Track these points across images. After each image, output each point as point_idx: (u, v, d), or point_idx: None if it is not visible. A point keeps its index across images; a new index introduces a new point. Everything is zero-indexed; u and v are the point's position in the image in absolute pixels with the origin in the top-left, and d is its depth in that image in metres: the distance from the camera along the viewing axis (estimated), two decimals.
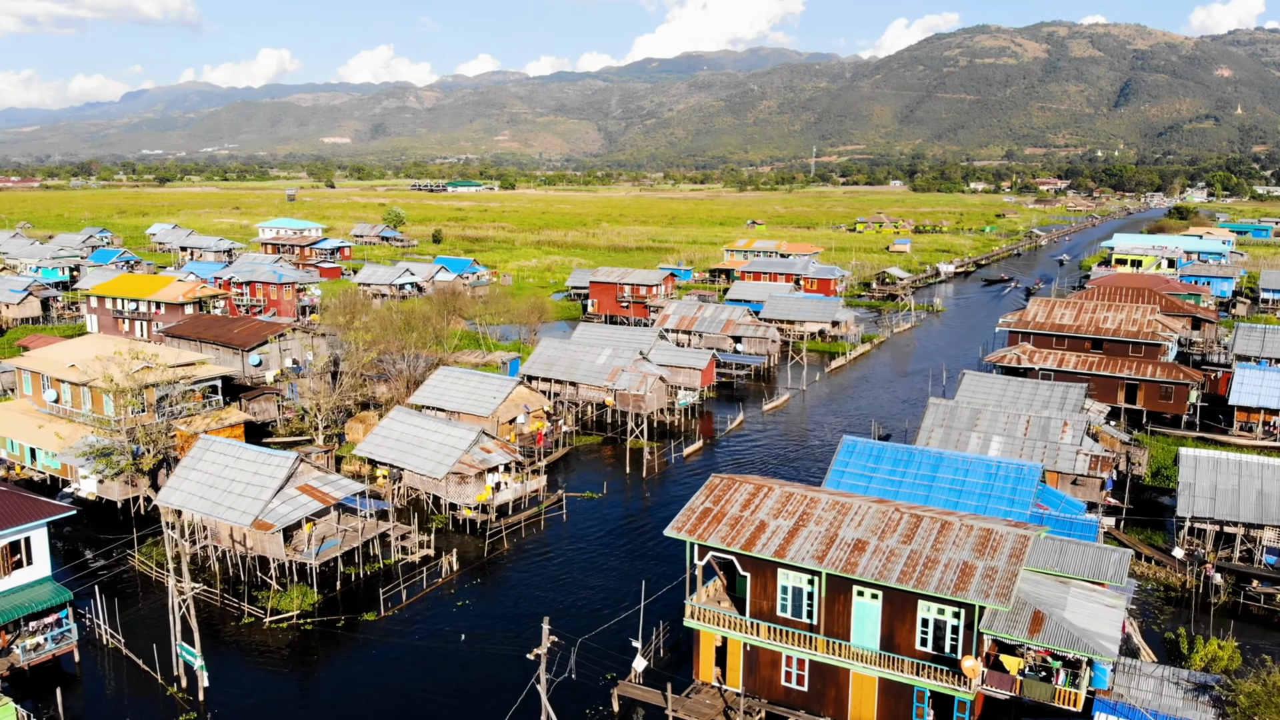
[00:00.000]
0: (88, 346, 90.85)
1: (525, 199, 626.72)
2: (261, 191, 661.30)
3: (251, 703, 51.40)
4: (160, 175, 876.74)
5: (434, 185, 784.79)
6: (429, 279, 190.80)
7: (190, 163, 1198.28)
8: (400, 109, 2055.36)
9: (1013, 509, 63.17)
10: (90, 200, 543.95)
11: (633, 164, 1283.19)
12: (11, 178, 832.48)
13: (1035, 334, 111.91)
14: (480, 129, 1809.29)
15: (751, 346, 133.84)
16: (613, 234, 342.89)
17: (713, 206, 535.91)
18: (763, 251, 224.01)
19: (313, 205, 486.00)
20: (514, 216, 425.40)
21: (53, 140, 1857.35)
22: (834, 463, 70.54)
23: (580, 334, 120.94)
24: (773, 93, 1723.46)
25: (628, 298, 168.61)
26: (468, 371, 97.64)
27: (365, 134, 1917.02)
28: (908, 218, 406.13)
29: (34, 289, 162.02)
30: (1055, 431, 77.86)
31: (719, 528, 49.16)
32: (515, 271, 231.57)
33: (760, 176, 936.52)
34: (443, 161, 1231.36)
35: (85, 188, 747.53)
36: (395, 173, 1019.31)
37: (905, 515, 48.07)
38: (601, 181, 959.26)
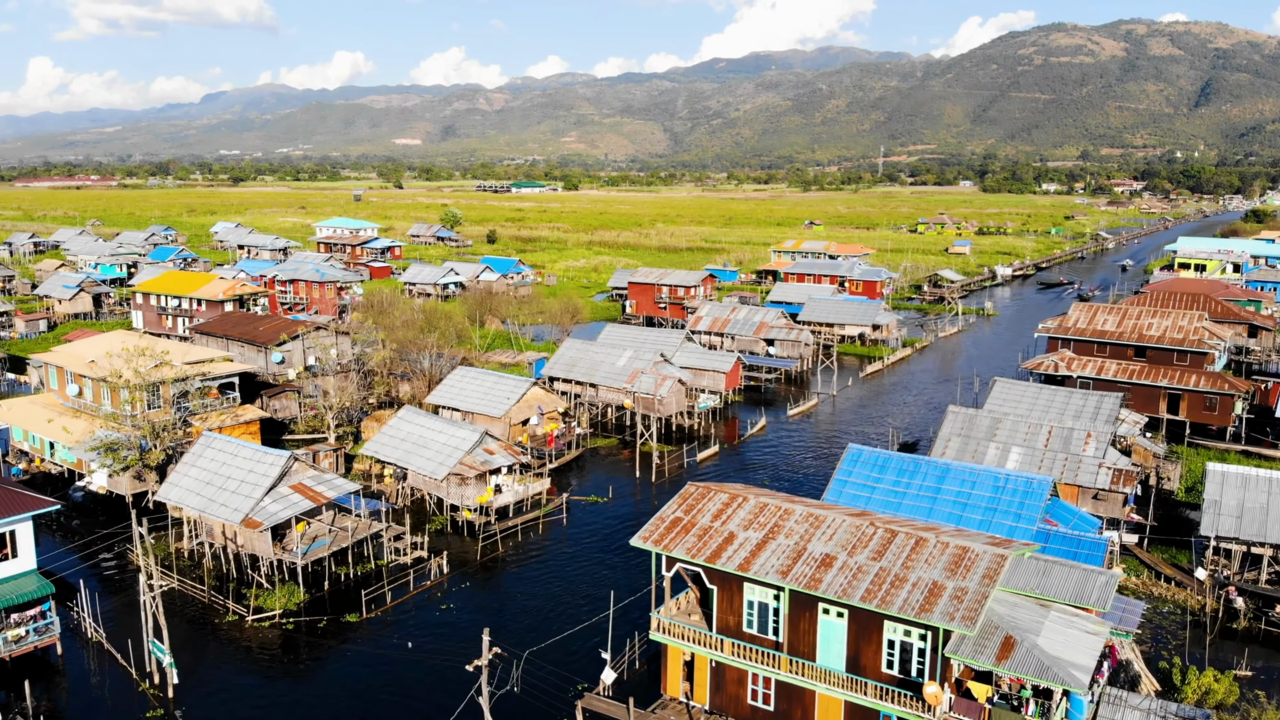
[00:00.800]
0: (112, 342, 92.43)
1: (586, 200, 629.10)
2: (330, 192, 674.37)
3: (218, 701, 51.26)
4: (234, 175, 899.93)
5: (498, 186, 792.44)
6: (473, 279, 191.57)
7: (265, 163, 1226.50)
8: (470, 111, 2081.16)
9: (1018, 524, 60.35)
10: (163, 199, 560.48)
11: (697, 164, 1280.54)
12: (91, 176, 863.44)
13: (1075, 340, 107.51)
14: (548, 130, 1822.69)
15: (784, 350, 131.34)
16: (666, 234, 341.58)
17: (773, 207, 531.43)
18: (810, 253, 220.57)
19: (378, 205, 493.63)
20: (571, 217, 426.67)
21: (134, 140, 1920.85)
22: (837, 472, 68.29)
23: (606, 335, 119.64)
24: (841, 92, 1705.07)
25: (666, 299, 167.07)
26: (484, 372, 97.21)
27: (436, 135, 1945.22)
28: (971, 219, 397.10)
29: (86, 285, 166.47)
30: (1077, 443, 74.35)
31: (686, 538, 47.52)
32: (562, 272, 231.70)
33: (826, 176, 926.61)
34: (510, 163, 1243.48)
35: (161, 187, 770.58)
36: (462, 174, 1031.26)
37: (879, 530, 45.87)
38: (664, 182, 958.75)
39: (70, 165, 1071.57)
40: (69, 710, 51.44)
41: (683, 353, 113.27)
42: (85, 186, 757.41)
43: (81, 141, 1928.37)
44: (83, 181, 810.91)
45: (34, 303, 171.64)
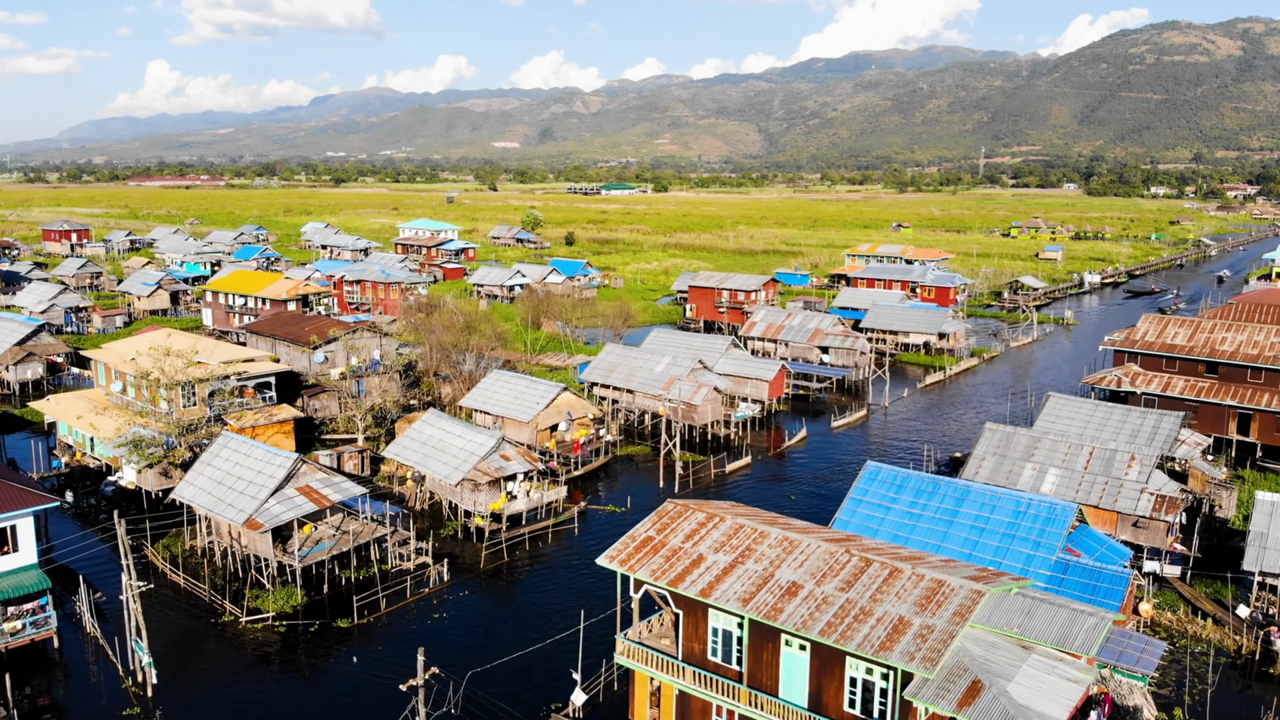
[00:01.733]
0: (153, 341, 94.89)
1: (673, 201, 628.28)
2: (426, 193, 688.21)
3: (195, 702, 51.42)
4: (337, 176, 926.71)
5: (588, 189, 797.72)
6: (540, 281, 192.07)
7: (367, 165, 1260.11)
8: (567, 114, 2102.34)
9: (1036, 552, 56.63)
10: (265, 199, 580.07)
11: (792, 165, 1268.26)
12: (202, 176, 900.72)
13: (1143, 354, 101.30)
14: (642, 132, 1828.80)
15: (839, 358, 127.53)
16: (746, 237, 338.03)
17: (863, 209, 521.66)
18: (886, 257, 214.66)
19: (469, 208, 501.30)
20: (653, 219, 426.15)
21: (246, 142, 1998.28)
22: (852, 490, 65.49)
23: (651, 340, 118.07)
24: (943, 91, 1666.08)
25: (725, 303, 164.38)
26: (518, 376, 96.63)
27: (533, 138, 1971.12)
28: (1069, 223, 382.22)
29: (165, 283, 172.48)
30: (1120, 466, 69.55)
31: (654, 559, 45.55)
32: (632, 274, 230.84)
33: (923, 178, 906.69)
34: (603, 165, 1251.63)
35: (267, 187, 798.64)
36: (555, 176, 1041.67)
37: (854, 558, 43.11)
38: (755, 183, 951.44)
39: (183, 165, 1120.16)
40: (55, 704, 52.20)
41: (727, 359, 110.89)
42: (194, 186, 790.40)
43: (196, 142, 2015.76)
44: (192, 181, 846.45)
45: (117, 299, 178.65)
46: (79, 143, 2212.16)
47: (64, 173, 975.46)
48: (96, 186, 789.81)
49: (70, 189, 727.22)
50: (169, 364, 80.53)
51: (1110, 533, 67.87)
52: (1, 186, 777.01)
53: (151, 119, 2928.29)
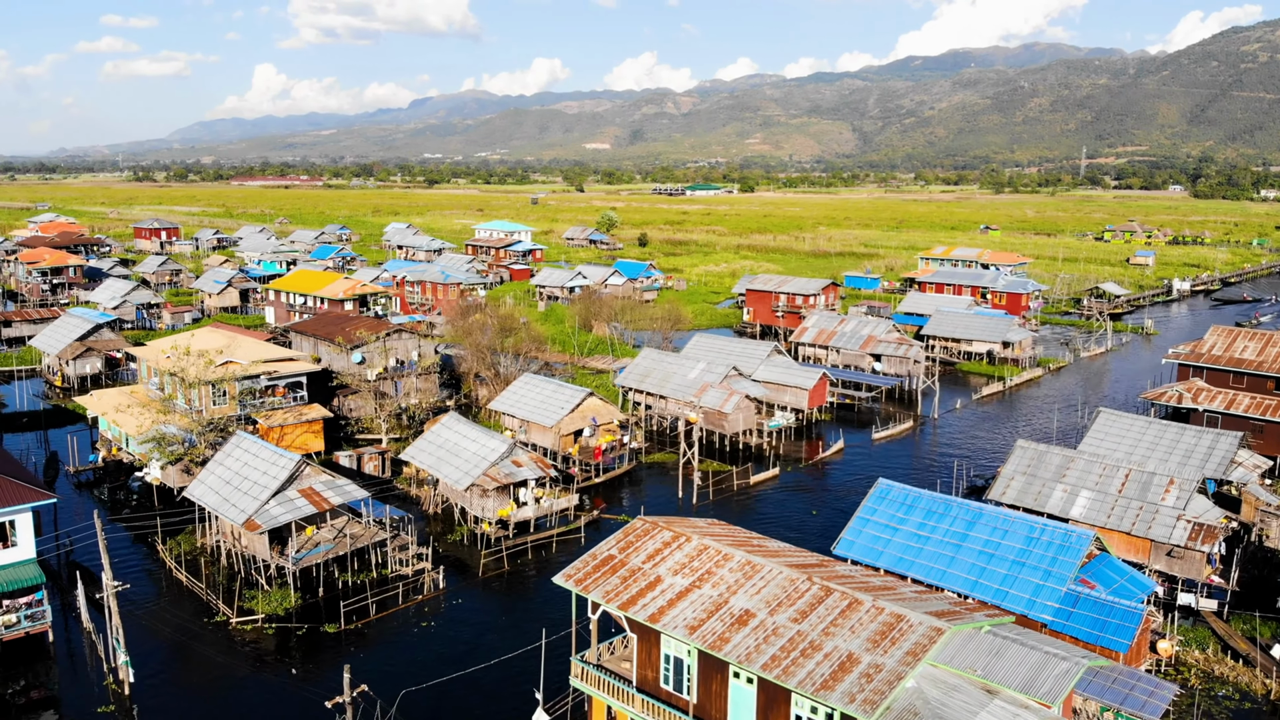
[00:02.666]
0: (199, 339, 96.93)
1: (757, 202, 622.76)
2: (513, 195, 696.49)
3: (169, 700, 51.58)
4: (430, 178, 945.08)
5: (673, 189, 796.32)
6: (601, 282, 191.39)
7: (462, 166, 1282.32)
8: (658, 115, 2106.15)
9: (1046, 583, 53.02)
10: (358, 200, 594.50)
11: (885, 165, 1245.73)
12: (302, 176, 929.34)
13: (1209, 369, 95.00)
14: (732, 132, 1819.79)
15: (892, 366, 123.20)
16: (823, 238, 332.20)
17: (954, 210, 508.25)
18: (961, 260, 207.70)
19: (552, 209, 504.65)
20: (732, 220, 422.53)
21: (347, 143, 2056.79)
22: (860, 509, 62.71)
23: (692, 345, 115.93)
24: (1045, 90, 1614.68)
25: (783, 307, 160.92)
26: (545, 380, 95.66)
27: (624, 140, 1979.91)
28: (1168, 226, 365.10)
29: (236, 281, 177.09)
30: (1157, 490, 64.81)
31: (610, 580, 43.75)
32: (698, 276, 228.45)
33: (1021, 178, 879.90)
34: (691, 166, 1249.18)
35: (363, 188, 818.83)
36: (642, 177, 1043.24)
37: (814, 587, 40.55)
38: (846, 183, 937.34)
39: (284, 166, 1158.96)
40: (45, 699, 52.89)
41: (767, 366, 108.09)
42: (293, 186, 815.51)
43: (299, 143, 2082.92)
44: (292, 181, 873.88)
45: (192, 296, 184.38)
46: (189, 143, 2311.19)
47: (171, 172, 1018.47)
48: (200, 186, 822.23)
49: (175, 188, 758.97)
50: (190, 362, 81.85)
51: (1143, 562, 63.36)
52: (111, 185, 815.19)
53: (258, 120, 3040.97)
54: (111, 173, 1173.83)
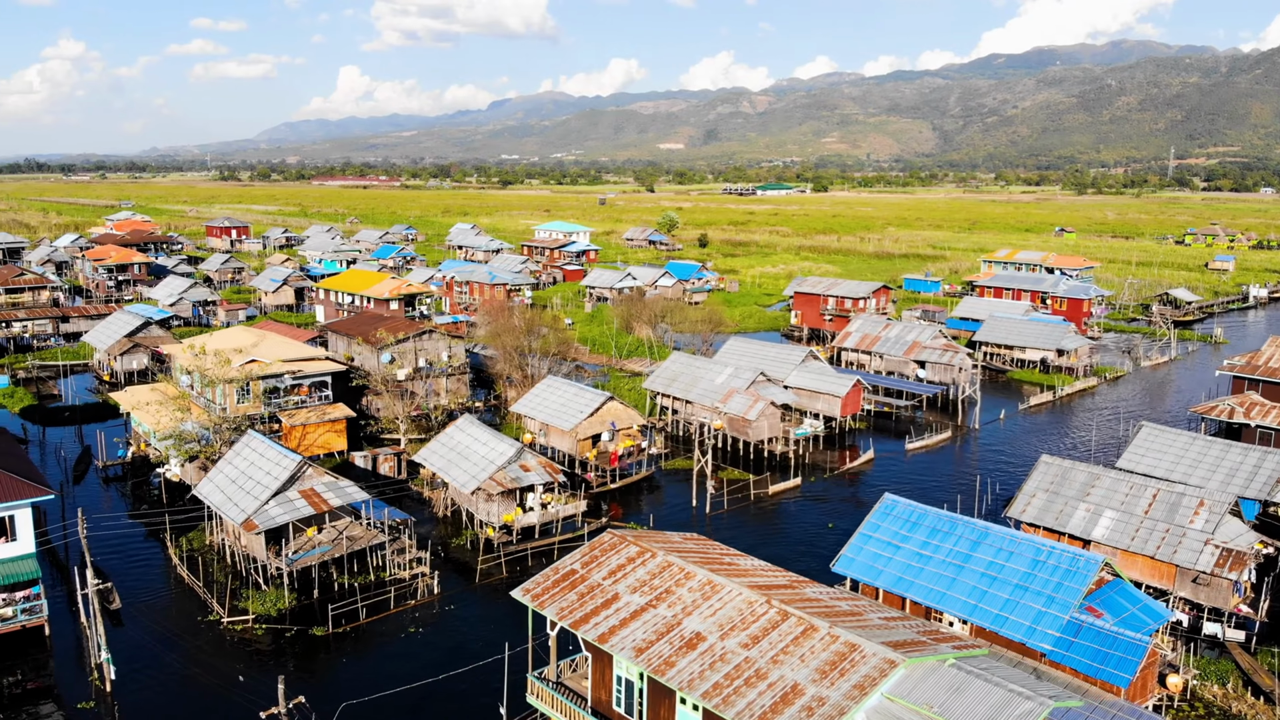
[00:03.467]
0: (229, 337, 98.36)
1: (828, 202, 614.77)
2: (583, 195, 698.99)
3: (151, 698, 51.79)
4: (504, 179, 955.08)
5: (743, 189, 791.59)
6: (651, 283, 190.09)
7: (536, 167, 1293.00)
8: (733, 114, 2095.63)
9: (1049, 609, 50.01)
10: (432, 200, 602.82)
11: (966, 164, 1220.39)
12: (380, 177, 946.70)
13: (1265, 381, 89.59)
14: (809, 131, 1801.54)
15: (936, 373, 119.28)
16: (890, 239, 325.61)
17: (1032, 211, 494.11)
18: (1025, 264, 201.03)
19: (619, 209, 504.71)
20: (799, 221, 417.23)
21: (427, 144, 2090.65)
22: (863, 525, 60.25)
23: (726, 349, 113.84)
24: (1133, 88, 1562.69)
25: (831, 310, 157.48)
26: (567, 383, 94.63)
27: (698, 139, 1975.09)
28: (1254, 230, 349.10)
29: (292, 279, 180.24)
30: (1186, 512, 60.88)
31: (567, 596, 42.36)
32: (753, 278, 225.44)
33: (1106, 179, 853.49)
34: (766, 165, 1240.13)
35: (439, 189, 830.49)
36: (714, 177, 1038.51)
37: (771, 611, 38.56)
38: (923, 183, 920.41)
39: (364, 166, 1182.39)
40: (27, 691, 53.58)
41: (800, 372, 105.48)
42: (371, 187, 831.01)
43: (381, 144, 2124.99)
44: (370, 182, 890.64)
45: (250, 294, 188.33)
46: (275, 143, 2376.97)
47: (255, 172, 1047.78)
48: (282, 185, 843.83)
49: (256, 187, 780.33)
50: (208, 361, 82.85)
51: (1168, 589, 59.59)
52: (196, 184, 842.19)
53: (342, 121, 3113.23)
54: (199, 172, 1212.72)
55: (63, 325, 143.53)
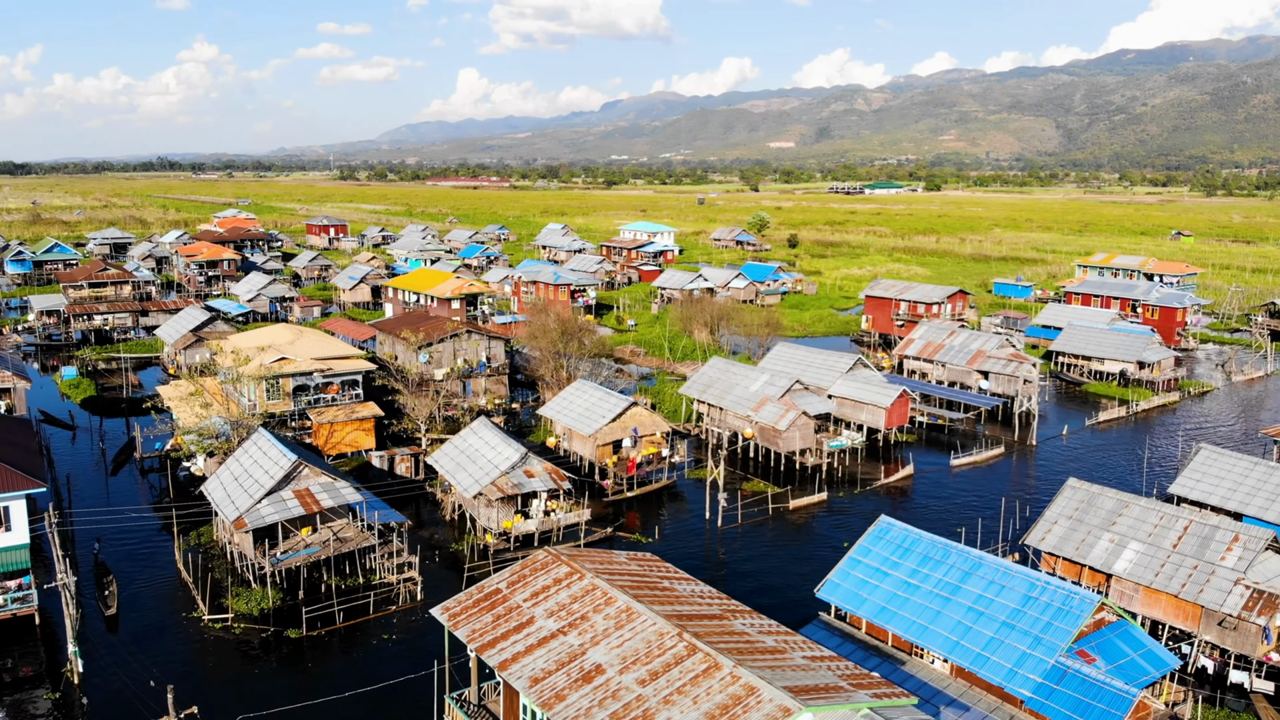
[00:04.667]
0: (271, 334, 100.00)
1: (938, 201, 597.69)
2: (684, 195, 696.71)
3: (119, 692, 52.15)
4: (609, 179, 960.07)
5: (850, 188, 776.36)
6: (723, 284, 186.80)
7: (644, 168, 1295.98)
8: (847, 112, 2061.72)
9: (1034, 651, 45.77)
10: (535, 200, 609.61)
11: (1090, 164, 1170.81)
12: (492, 177, 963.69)
13: None
14: (925, 129, 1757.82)
15: (999, 384, 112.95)
16: (992, 241, 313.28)
17: (1152, 213, 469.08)
18: (1122, 269, 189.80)
19: (718, 209, 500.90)
20: (901, 220, 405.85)
21: (540, 145, 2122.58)
22: (854, 549, 56.74)
23: (773, 354, 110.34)
24: (1270, 86, 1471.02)
25: (903, 315, 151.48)
26: (595, 386, 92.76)
27: (810, 138, 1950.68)
28: None
29: (370, 278, 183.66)
30: (1218, 547, 55.08)
31: (483, 617, 40.44)
32: (836, 280, 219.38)
33: (1238, 180, 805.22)
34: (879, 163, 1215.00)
35: (545, 189, 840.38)
36: (823, 176, 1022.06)
37: (679, 644, 35.80)
38: (1042, 183, 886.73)
39: (477, 168, 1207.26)
40: (19, 678, 54.60)
41: (845, 380, 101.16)
42: (481, 187, 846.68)
43: (496, 146, 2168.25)
44: (481, 183, 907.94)
45: (331, 291, 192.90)
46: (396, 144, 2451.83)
47: (373, 172, 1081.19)
48: (397, 185, 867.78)
49: (371, 187, 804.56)
50: (225, 359, 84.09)
51: (1193, 631, 54.01)
52: (316, 183, 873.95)
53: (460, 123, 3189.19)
54: (321, 171, 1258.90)
55: (142, 319, 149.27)
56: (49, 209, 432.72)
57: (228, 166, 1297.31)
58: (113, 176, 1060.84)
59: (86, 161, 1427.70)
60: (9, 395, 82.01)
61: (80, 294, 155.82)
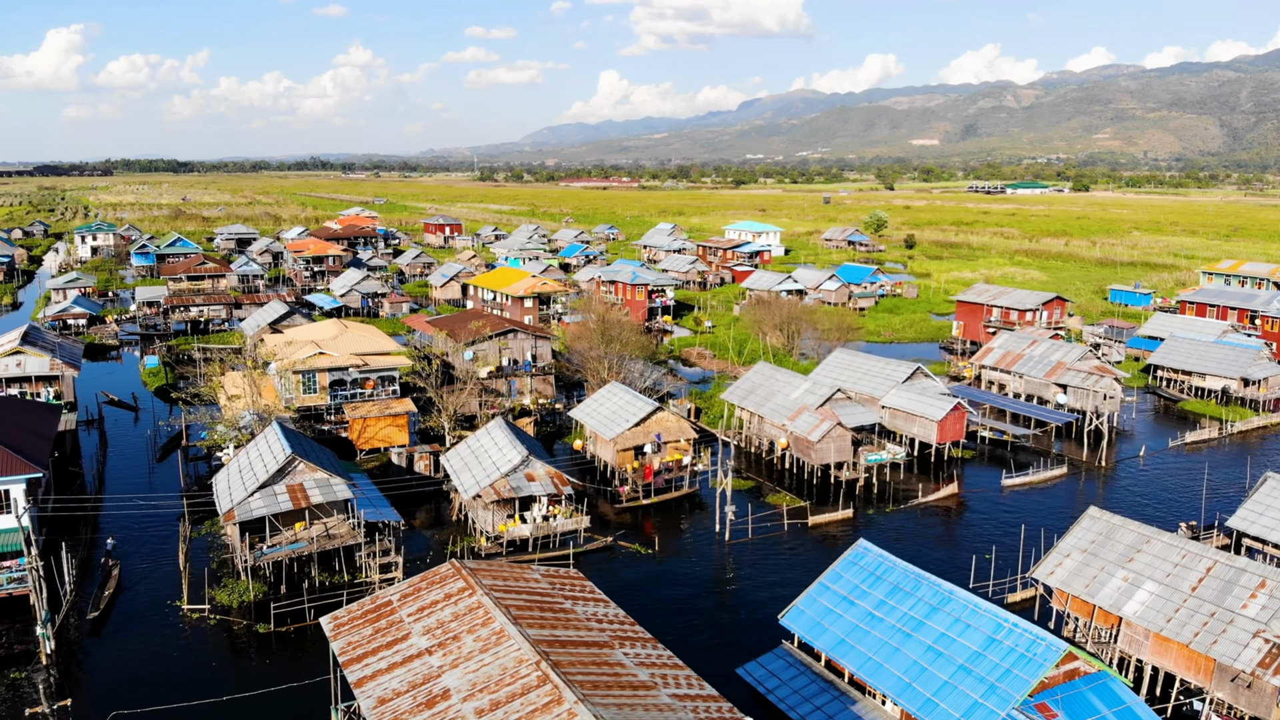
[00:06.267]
0: (317, 330, 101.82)
1: (1082, 202, 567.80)
2: (811, 193, 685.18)
3: (87, 673, 53.26)
4: (737, 178, 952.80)
5: (991, 187, 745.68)
6: (815, 286, 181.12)
7: (777, 166, 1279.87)
8: (995, 109, 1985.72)
9: (987, 701, 41.34)
10: (658, 200, 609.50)
11: (1256, 164, 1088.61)
12: (622, 178, 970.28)
13: None
14: (1078, 127, 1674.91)
15: (1077, 399, 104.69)
16: (1124, 245, 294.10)
17: None
18: (1250, 277, 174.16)
19: (844, 208, 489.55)
20: (1035, 222, 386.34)
21: (676, 146, 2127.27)
22: (825, 574, 52.82)
23: (830, 360, 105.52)
24: None
25: (995, 322, 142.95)
26: (625, 390, 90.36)
27: (955, 135, 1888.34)
28: None
29: (461, 275, 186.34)
30: (1242, 592, 48.45)
31: (364, 630, 38.88)
32: (945, 283, 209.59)
33: None
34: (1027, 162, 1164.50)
35: (674, 189, 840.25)
36: (965, 174, 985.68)
37: (532, 674, 33.26)
38: (1200, 184, 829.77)
39: (610, 169, 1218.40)
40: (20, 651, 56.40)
41: (901, 390, 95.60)
42: (610, 188, 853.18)
43: (633, 147, 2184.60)
44: (611, 183, 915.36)
45: (427, 288, 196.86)
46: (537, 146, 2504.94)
47: (510, 173, 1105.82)
48: (531, 186, 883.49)
49: (505, 187, 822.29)
50: (261, 352, 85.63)
51: (1204, 686, 47.65)
52: (455, 184, 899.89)
53: (599, 125, 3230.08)
54: (462, 172, 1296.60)
55: (236, 311, 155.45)
56: (196, 205, 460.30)
57: (376, 167, 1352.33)
58: (268, 175, 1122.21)
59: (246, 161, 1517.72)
60: (58, 382, 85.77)
61: (179, 286, 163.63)
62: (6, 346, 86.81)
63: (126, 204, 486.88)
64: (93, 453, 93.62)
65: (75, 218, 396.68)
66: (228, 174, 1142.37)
